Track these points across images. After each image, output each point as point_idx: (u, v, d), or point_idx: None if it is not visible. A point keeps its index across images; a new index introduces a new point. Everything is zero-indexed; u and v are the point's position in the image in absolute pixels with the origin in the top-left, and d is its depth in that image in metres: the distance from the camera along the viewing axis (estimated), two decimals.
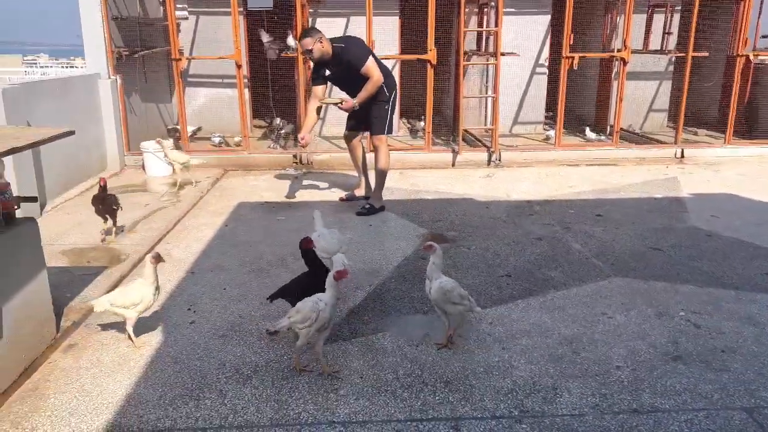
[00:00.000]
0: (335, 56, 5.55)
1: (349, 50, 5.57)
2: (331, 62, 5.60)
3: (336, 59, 5.56)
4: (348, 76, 5.63)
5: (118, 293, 3.27)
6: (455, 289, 3.13)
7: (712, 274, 4.31)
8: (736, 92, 8.19)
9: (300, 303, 2.94)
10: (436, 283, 3.14)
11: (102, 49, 7.31)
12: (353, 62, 5.52)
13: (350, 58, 5.52)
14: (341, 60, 5.54)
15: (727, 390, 2.90)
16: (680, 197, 6.33)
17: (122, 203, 6.00)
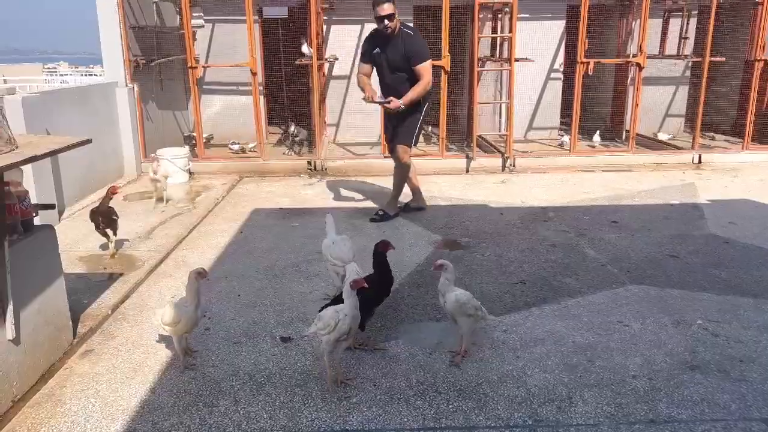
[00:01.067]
0: (397, 38, 5.16)
1: (415, 40, 5.21)
2: (388, 42, 5.19)
3: (395, 42, 5.17)
4: (394, 65, 5.25)
5: (166, 309, 3.12)
6: (470, 301, 3.12)
7: (730, 281, 4.25)
8: (754, 97, 8.09)
9: (324, 310, 2.95)
10: (452, 295, 3.11)
11: (119, 57, 7.41)
12: (413, 54, 5.14)
13: (413, 49, 5.15)
14: (400, 45, 5.16)
15: (745, 400, 2.86)
16: (697, 203, 6.26)
17: (139, 209, 6.10)
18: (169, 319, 3.04)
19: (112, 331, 3.61)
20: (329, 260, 3.85)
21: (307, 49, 8.19)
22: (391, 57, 5.22)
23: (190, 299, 3.05)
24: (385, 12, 5.03)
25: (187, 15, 7.43)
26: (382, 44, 5.23)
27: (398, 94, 5.27)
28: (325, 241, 3.94)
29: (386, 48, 5.21)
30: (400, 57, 5.18)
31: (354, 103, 9.43)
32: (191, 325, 3.10)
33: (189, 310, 3.03)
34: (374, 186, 7.17)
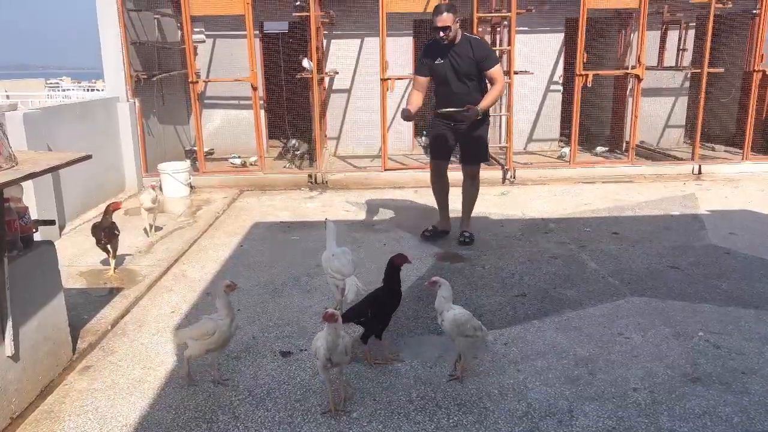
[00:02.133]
0: (462, 44, 4.91)
1: (484, 45, 5.02)
2: (451, 50, 4.92)
3: (461, 48, 4.90)
4: (463, 72, 4.94)
5: (199, 322, 3.05)
6: (469, 322, 3.02)
7: (732, 293, 4.24)
8: (753, 108, 8.11)
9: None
10: (450, 314, 3.01)
11: (121, 73, 7.46)
12: (484, 58, 4.88)
13: (483, 54, 4.90)
14: (468, 51, 4.89)
15: (747, 413, 2.84)
16: (698, 214, 6.25)
17: (140, 224, 6.10)
18: (200, 333, 2.94)
19: (112, 347, 3.60)
20: (329, 273, 3.83)
21: (307, 63, 8.24)
22: (459, 64, 4.93)
23: (224, 313, 2.96)
24: (442, 23, 4.78)
25: (188, 30, 7.49)
26: (445, 53, 4.95)
27: (466, 104, 4.95)
28: (324, 253, 3.89)
29: (451, 56, 4.92)
30: (468, 63, 4.91)
31: (354, 117, 9.49)
32: (224, 341, 3.00)
33: (223, 324, 2.94)
34: (375, 199, 7.17)
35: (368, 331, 3.27)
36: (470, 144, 5.23)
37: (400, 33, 8.89)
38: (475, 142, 5.20)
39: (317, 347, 2.78)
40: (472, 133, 5.12)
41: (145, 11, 8.10)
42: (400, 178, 7.85)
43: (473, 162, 5.33)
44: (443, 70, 5.01)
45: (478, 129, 5.12)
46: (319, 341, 2.79)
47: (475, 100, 4.97)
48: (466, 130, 5.06)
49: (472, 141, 5.19)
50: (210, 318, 3.00)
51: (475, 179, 5.43)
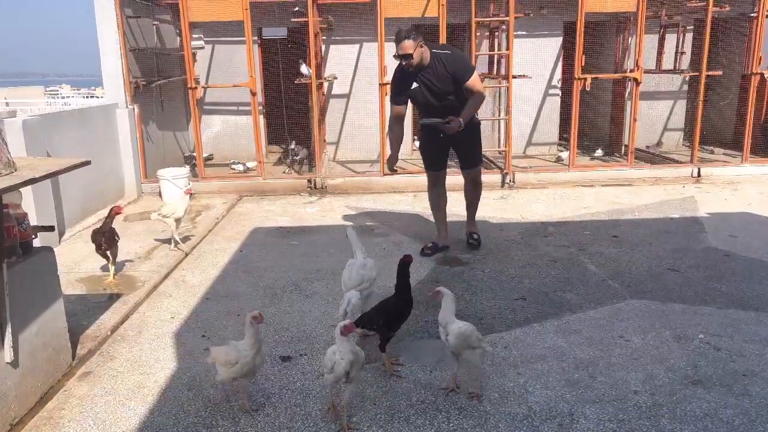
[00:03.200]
0: (434, 65, 4.74)
1: (455, 59, 4.79)
2: (424, 72, 4.77)
3: (433, 69, 4.74)
4: (441, 92, 4.80)
5: (223, 347, 2.92)
6: (474, 333, 2.96)
7: (732, 295, 4.23)
8: (751, 110, 8.12)
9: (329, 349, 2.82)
10: (454, 327, 2.94)
11: (120, 79, 7.47)
12: (458, 73, 4.72)
13: (456, 69, 4.72)
14: (441, 70, 4.73)
15: (748, 415, 2.83)
16: (697, 217, 6.25)
17: (139, 230, 6.11)
18: (224, 359, 2.84)
19: (112, 353, 3.60)
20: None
21: (305, 69, 8.25)
22: (435, 85, 4.78)
23: (249, 344, 2.82)
24: (403, 51, 4.63)
25: (186, 36, 7.50)
26: (419, 77, 4.81)
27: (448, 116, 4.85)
28: (350, 260, 3.76)
29: (425, 79, 4.79)
30: (445, 82, 4.76)
31: (353, 122, 9.50)
32: (247, 371, 2.85)
33: (247, 355, 2.81)
34: (375, 203, 7.18)
35: (384, 338, 3.26)
36: (463, 148, 5.16)
37: None
38: (468, 146, 5.14)
39: (336, 361, 2.69)
40: (463, 138, 4.94)
41: (144, 18, 8.13)
42: (400, 183, 7.85)
43: (470, 166, 5.26)
44: (421, 94, 4.87)
45: (469, 133, 4.96)
46: (337, 354, 2.69)
47: (460, 111, 4.82)
48: (457, 136, 4.83)
49: (464, 145, 5.11)
50: (235, 346, 2.85)
51: (476, 182, 5.36)
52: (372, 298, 3.66)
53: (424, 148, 5.32)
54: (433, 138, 5.07)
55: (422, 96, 4.87)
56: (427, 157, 5.34)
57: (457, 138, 4.89)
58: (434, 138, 5.06)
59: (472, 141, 5.13)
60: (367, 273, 3.64)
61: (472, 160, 5.25)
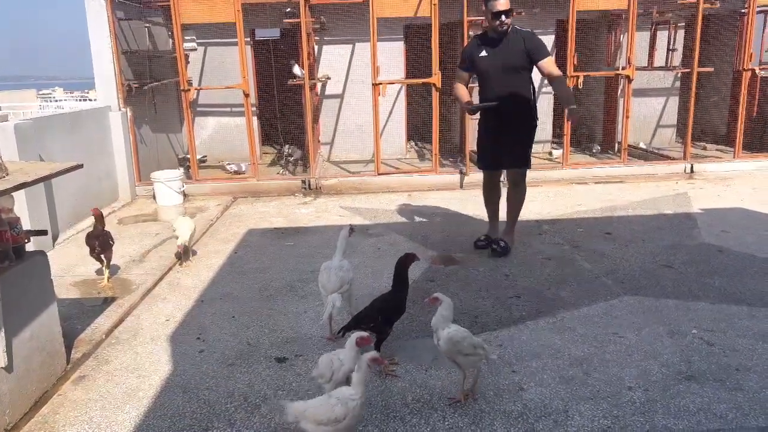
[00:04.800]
0: (512, 36, 4.71)
1: (535, 37, 4.78)
2: (499, 43, 4.72)
3: (511, 40, 4.70)
4: (511, 65, 4.72)
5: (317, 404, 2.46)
6: (465, 339, 2.86)
7: (725, 290, 4.25)
8: (743, 106, 8.16)
9: (321, 357, 2.79)
10: (444, 333, 2.86)
11: (112, 82, 7.45)
12: (535, 51, 4.69)
13: (534, 46, 4.69)
14: (518, 42, 4.69)
15: (742, 409, 2.85)
16: (690, 213, 6.28)
17: (134, 233, 6.10)
18: (324, 416, 2.40)
19: (106, 356, 3.59)
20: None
21: (298, 70, 8.25)
22: (507, 58, 4.70)
23: (359, 391, 2.43)
24: (502, 6, 4.54)
25: (179, 38, 7.49)
26: (492, 45, 4.73)
27: (512, 101, 4.79)
28: (325, 262, 3.74)
29: (498, 49, 4.71)
30: (518, 55, 4.69)
31: (347, 122, 9.51)
32: (356, 423, 2.52)
33: (356, 405, 2.42)
34: (370, 203, 7.18)
35: (381, 336, 3.26)
36: (510, 147, 4.93)
37: (391, 38, 8.91)
38: (516, 146, 4.92)
39: (337, 368, 2.65)
40: (513, 136, 4.86)
41: (136, 20, 8.11)
42: (394, 182, 7.86)
43: (513, 166, 5.05)
44: (487, 65, 4.78)
45: (520, 132, 4.89)
46: (335, 363, 2.66)
47: (520, 96, 4.81)
48: (507, 133, 4.82)
49: (512, 144, 4.91)
50: (337, 398, 2.43)
51: (519, 185, 5.12)
52: (353, 299, 3.67)
53: (480, 144, 5.19)
54: (489, 134, 4.97)
55: (490, 66, 4.77)
56: (482, 154, 5.21)
57: (506, 135, 4.85)
58: (489, 134, 4.96)
59: (527, 140, 4.98)
60: (345, 275, 3.60)
61: (520, 159, 5.00)
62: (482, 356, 2.92)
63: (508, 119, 4.83)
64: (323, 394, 2.55)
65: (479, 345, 2.91)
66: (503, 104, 4.76)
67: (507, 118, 4.82)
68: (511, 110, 4.80)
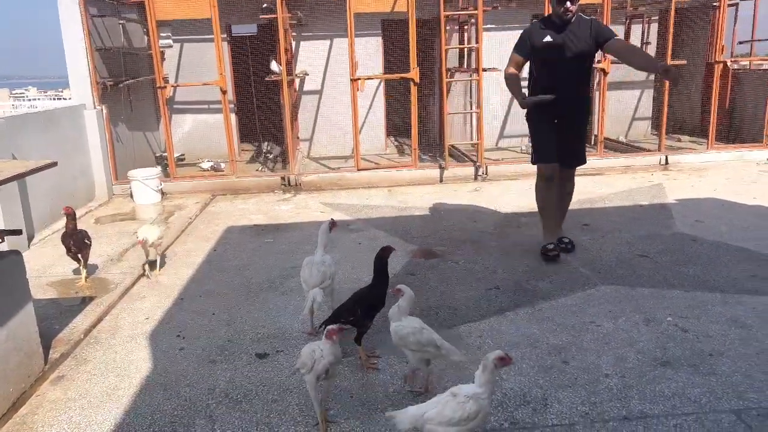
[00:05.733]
0: (579, 22, 4.50)
1: (601, 23, 4.60)
2: (565, 29, 4.49)
3: (578, 25, 4.49)
4: (578, 52, 4.47)
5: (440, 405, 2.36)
6: (411, 335, 2.85)
7: (699, 278, 4.34)
8: (716, 98, 8.30)
9: (304, 347, 2.72)
10: (393, 325, 2.91)
11: (87, 80, 7.36)
12: (601, 34, 4.47)
13: (600, 31, 4.48)
14: (582, 30, 4.47)
15: (715, 393, 2.92)
16: (665, 204, 6.39)
17: (111, 232, 6.03)
18: (456, 415, 2.30)
19: (85, 356, 3.56)
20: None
21: (276, 66, 8.22)
22: (574, 45, 4.45)
23: (486, 390, 2.35)
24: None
25: (154, 35, 7.41)
26: (558, 30, 4.50)
27: (574, 91, 4.57)
28: (307, 258, 3.73)
29: (564, 35, 4.47)
30: (585, 41, 4.45)
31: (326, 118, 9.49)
32: (485, 420, 2.45)
33: (486, 404, 2.35)
34: (350, 199, 7.19)
35: (362, 330, 3.28)
36: (574, 144, 4.73)
37: (369, 33, 8.92)
38: (575, 141, 4.72)
39: (316, 359, 2.61)
40: (573, 131, 4.65)
41: (110, 17, 8.00)
42: (374, 178, 7.87)
43: (575, 165, 4.84)
44: (553, 50, 4.49)
45: (578, 125, 4.70)
46: (317, 353, 2.63)
47: (581, 87, 4.62)
48: (567, 126, 4.58)
49: (572, 140, 4.69)
50: (466, 395, 2.34)
51: (571, 181, 4.99)
52: (335, 293, 3.67)
53: (540, 135, 4.77)
54: (549, 125, 4.64)
55: (555, 52, 4.49)
56: (541, 147, 4.76)
57: (571, 124, 4.63)
58: (550, 125, 4.63)
59: (581, 135, 4.78)
60: (327, 270, 3.61)
61: (579, 156, 4.81)
62: (433, 354, 2.88)
63: (569, 110, 4.58)
64: (438, 395, 2.41)
65: (429, 343, 2.85)
66: (564, 94, 4.49)
67: (567, 109, 4.56)
68: (573, 101, 4.57)
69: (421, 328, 2.90)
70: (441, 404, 2.33)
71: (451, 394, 2.35)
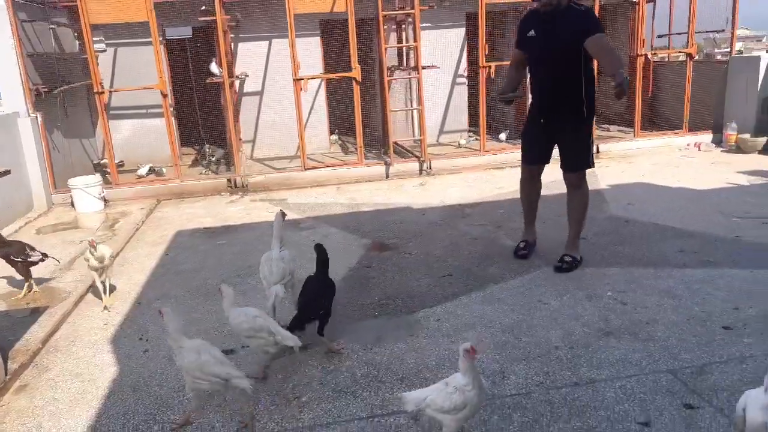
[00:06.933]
0: (566, 14, 4.10)
1: (592, 15, 4.19)
2: (551, 21, 4.14)
3: (564, 18, 4.10)
4: (561, 45, 4.12)
5: (435, 392, 2.46)
6: (245, 323, 3.06)
7: (633, 256, 4.69)
8: (639, 89, 8.83)
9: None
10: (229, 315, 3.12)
11: (19, 87, 7.12)
12: (589, 26, 4.04)
13: (589, 22, 4.07)
14: (570, 22, 4.08)
15: (653, 356, 3.21)
16: (599, 189, 6.78)
17: (54, 241, 5.89)
18: (447, 405, 2.39)
19: (46, 364, 3.53)
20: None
21: (216, 68, 8.18)
22: (557, 38, 4.12)
23: (470, 380, 2.40)
24: None
25: (89, 39, 7.25)
26: (541, 24, 4.19)
27: (557, 89, 4.26)
28: (265, 254, 3.78)
29: (549, 27, 4.15)
30: (570, 35, 4.07)
31: (268, 119, 9.50)
32: (476, 410, 2.51)
33: (473, 395, 2.41)
34: (299, 198, 7.27)
35: (324, 321, 3.41)
36: (567, 146, 4.42)
37: (308, 33, 8.99)
38: (573, 144, 4.38)
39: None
40: (568, 133, 4.33)
41: (40, 21, 7.76)
42: (322, 177, 7.97)
43: (571, 169, 4.48)
44: (535, 45, 4.25)
45: (569, 134, 4.35)
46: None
47: (569, 86, 4.23)
48: (562, 130, 4.32)
49: (569, 142, 4.39)
50: (454, 386, 2.42)
51: (579, 189, 4.54)
52: (296, 288, 3.74)
53: (526, 137, 4.69)
54: (537, 127, 4.49)
55: (537, 46, 4.26)
56: (525, 148, 4.70)
57: (561, 132, 4.36)
58: (537, 127, 4.48)
59: (574, 138, 4.36)
60: (287, 266, 3.68)
61: (575, 162, 4.44)
62: (268, 341, 3.06)
63: (553, 110, 4.32)
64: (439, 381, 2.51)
65: (263, 329, 3.05)
66: (547, 93, 4.34)
67: (551, 109, 4.33)
68: (556, 100, 4.28)
69: (254, 316, 3.09)
70: (436, 392, 2.43)
71: (444, 383, 2.46)
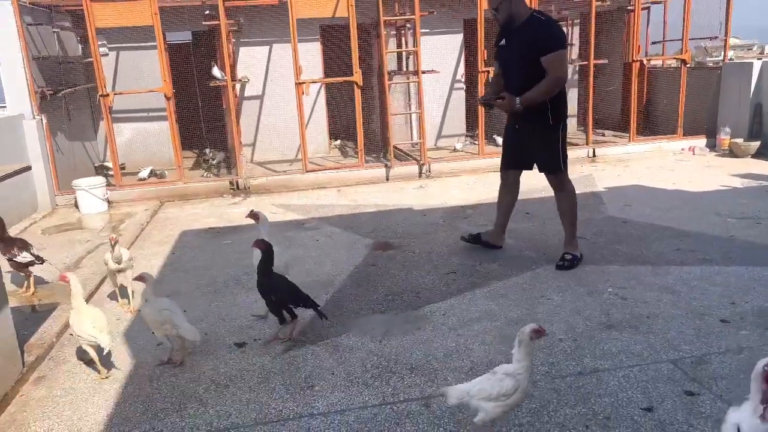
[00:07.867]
0: (525, 26, 4.25)
1: (548, 27, 4.23)
2: (513, 32, 4.29)
3: (525, 30, 4.23)
4: (521, 58, 4.25)
5: (483, 382, 2.47)
6: (151, 314, 3.31)
7: (631, 254, 4.81)
8: (635, 94, 8.99)
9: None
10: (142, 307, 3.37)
11: (24, 89, 7.20)
12: (541, 42, 4.15)
13: (540, 36, 4.17)
14: (527, 34, 4.20)
15: (654, 347, 3.32)
16: (596, 192, 6.92)
17: (61, 241, 5.96)
18: (495, 391, 2.40)
19: (62, 357, 3.61)
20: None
21: (218, 72, 8.28)
22: (517, 48, 4.25)
23: (523, 366, 2.44)
24: (492, 4, 4.29)
25: (94, 42, 7.34)
26: (509, 35, 4.33)
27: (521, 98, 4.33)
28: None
29: (514, 38, 4.28)
30: (527, 46, 4.18)
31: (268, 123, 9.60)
32: (525, 397, 2.54)
33: (524, 378, 2.44)
34: (301, 200, 7.36)
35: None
36: (538, 149, 4.56)
37: (309, 39, 9.11)
38: (544, 147, 4.51)
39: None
40: (537, 140, 4.49)
41: (45, 25, 7.85)
42: (323, 179, 8.07)
43: (545, 170, 4.68)
44: (503, 54, 4.44)
45: (533, 138, 4.50)
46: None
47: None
48: (529, 134, 4.49)
49: (539, 147, 4.53)
50: (504, 373, 2.45)
51: (563, 191, 4.71)
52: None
53: (503, 142, 4.92)
54: (511, 132, 4.72)
55: (503, 56, 4.45)
56: (503, 152, 4.91)
57: (527, 136, 4.54)
58: (512, 132, 4.70)
59: (542, 144, 4.50)
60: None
61: (544, 165, 4.65)
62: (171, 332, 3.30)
63: (523, 117, 4.45)
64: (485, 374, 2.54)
65: (167, 321, 3.28)
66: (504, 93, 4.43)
67: (521, 115, 4.44)
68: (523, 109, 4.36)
69: (161, 309, 3.31)
70: (483, 381, 2.47)
71: (492, 372, 2.50)
